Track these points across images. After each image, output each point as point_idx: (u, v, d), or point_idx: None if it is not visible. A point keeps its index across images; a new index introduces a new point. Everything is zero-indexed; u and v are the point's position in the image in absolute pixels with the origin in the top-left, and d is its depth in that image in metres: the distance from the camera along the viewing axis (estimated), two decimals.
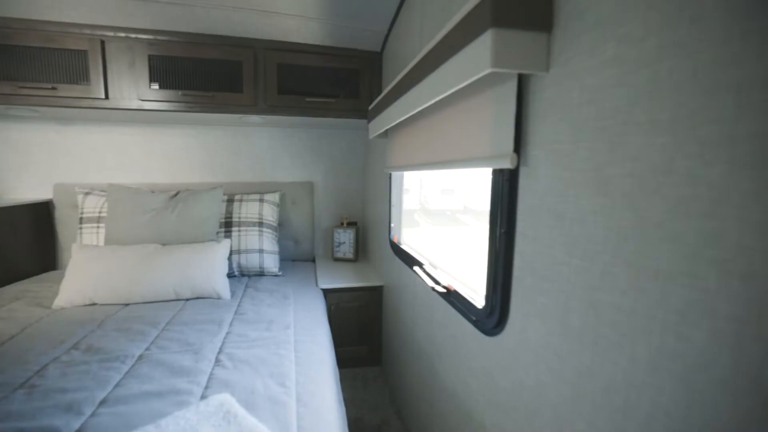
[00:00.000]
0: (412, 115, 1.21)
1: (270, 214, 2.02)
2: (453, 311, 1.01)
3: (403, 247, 1.57)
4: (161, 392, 0.94)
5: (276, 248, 1.98)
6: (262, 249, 1.91)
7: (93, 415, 0.86)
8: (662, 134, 0.44)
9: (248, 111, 1.80)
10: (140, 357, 1.11)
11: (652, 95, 0.45)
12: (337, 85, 1.88)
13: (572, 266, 0.58)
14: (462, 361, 0.96)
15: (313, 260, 2.31)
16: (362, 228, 2.38)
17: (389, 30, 1.74)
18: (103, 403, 0.90)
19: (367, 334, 1.94)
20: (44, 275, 1.99)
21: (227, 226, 1.91)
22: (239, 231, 1.91)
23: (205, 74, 1.76)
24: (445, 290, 1.04)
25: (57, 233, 2.13)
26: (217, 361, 1.09)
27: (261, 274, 1.91)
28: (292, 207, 2.26)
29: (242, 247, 1.88)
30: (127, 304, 1.52)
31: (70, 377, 1.00)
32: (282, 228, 2.22)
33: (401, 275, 1.56)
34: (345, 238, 2.21)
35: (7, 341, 1.20)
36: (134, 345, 1.17)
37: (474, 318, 0.89)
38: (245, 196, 2.02)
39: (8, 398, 0.91)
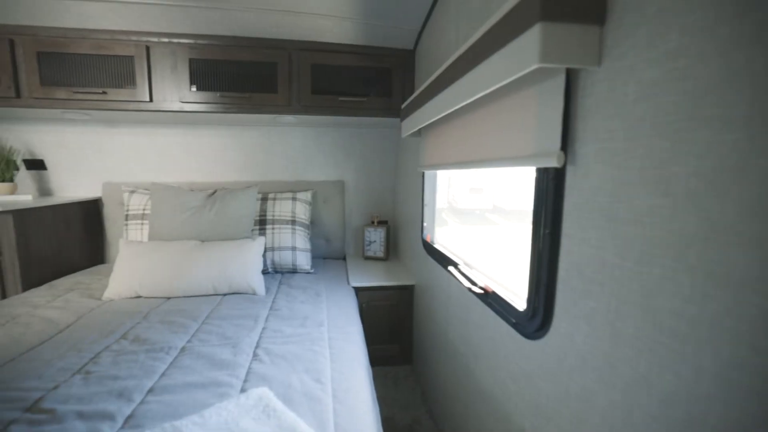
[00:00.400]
0: (448, 113, 1.19)
1: (302, 212, 2.05)
2: (490, 313, 0.99)
3: (436, 246, 1.56)
4: (203, 384, 0.97)
5: (308, 246, 2.01)
6: (295, 246, 1.95)
7: (142, 402, 0.91)
8: (734, 130, 0.41)
9: (283, 111, 1.84)
10: (183, 349, 1.16)
11: (722, 88, 0.42)
12: (369, 84, 1.89)
13: (625, 269, 0.56)
14: (500, 364, 0.94)
15: (344, 258, 2.33)
16: (393, 227, 2.38)
17: (422, 28, 1.72)
18: (150, 391, 0.95)
19: (398, 333, 1.94)
20: (94, 268, 2.12)
21: (261, 223, 1.97)
22: (273, 229, 1.96)
23: (242, 76, 1.81)
24: (482, 291, 1.02)
25: (105, 229, 2.27)
26: (255, 355, 1.12)
27: (294, 271, 1.96)
28: (324, 206, 2.29)
29: (276, 245, 1.93)
30: (169, 298, 1.59)
31: (121, 365, 1.06)
32: (314, 226, 2.26)
33: (434, 275, 1.54)
34: (376, 236, 2.22)
35: (65, 329, 1.29)
36: (177, 337, 1.23)
37: (514, 320, 0.86)
38: (279, 195, 2.07)
39: (68, 382, 0.97)
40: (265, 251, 1.91)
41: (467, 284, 1.09)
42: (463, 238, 1.81)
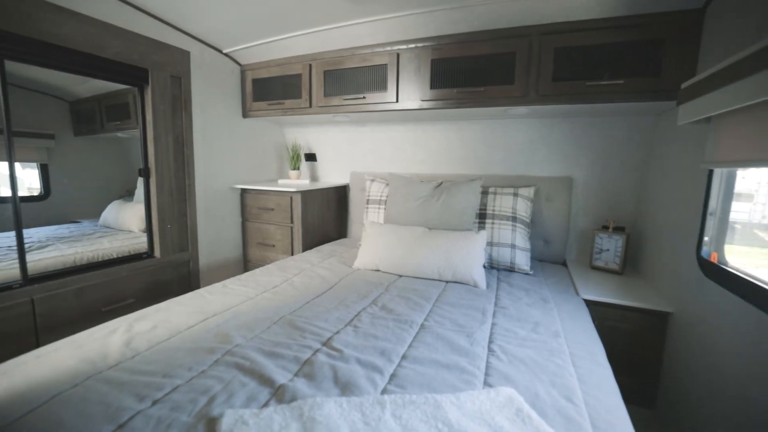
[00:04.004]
0: None
1: (523, 209, 1.94)
2: None
3: (731, 270, 1.15)
4: (448, 365, 1.02)
5: (528, 245, 1.89)
6: (515, 244, 1.87)
7: (399, 365, 1.03)
8: None
9: (517, 102, 1.76)
10: (422, 326, 1.27)
11: None
12: (627, 62, 1.57)
13: None
14: None
15: (564, 264, 2.08)
16: (634, 235, 1.95)
17: None
18: (404, 357, 1.07)
19: (637, 366, 1.58)
20: (340, 240, 2.64)
21: (481, 217, 1.97)
22: (492, 224, 1.93)
23: (477, 70, 1.83)
24: None
25: (349, 210, 2.80)
26: (490, 350, 1.11)
27: (511, 269, 1.88)
28: (546, 204, 2.10)
29: (495, 240, 1.90)
30: (400, 276, 1.80)
31: (377, 327, 1.25)
32: (532, 225, 2.10)
33: (720, 307, 1.16)
34: (610, 245, 1.87)
35: (333, 286, 1.64)
36: (415, 313, 1.36)
37: None
38: (499, 190, 2.02)
39: (344, 330, 1.22)
40: None
41: None
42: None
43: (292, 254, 2.38)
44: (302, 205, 2.33)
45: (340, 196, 2.76)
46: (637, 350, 1.58)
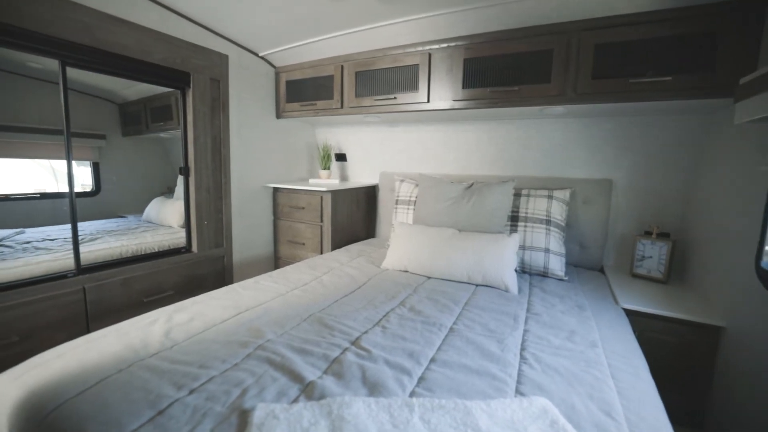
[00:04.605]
0: None
1: (558, 212, 1.87)
2: None
3: None
4: (478, 371, 1.00)
5: (563, 250, 1.82)
6: (548, 249, 1.80)
7: (428, 368, 1.02)
8: None
9: (553, 102, 1.70)
10: (451, 329, 1.25)
11: None
12: (674, 57, 1.47)
13: None
14: None
15: (602, 271, 1.99)
16: (681, 242, 1.83)
17: None
18: (432, 360, 1.06)
19: (684, 382, 1.48)
20: (368, 240, 2.65)
21: (513, 220, 1.92)
22: (525, 227, 1.87)
23: (512, 69, 1.78)
24: None
25: (378, 210, 2.81)
26: (523, 358, 1.08)
27: (544, 275, 1.81)
28: (583, 207, 2.01)
29: (527, 244, 1.84)
30: (429, 277, 1.78)
31: (406, 328, 1.24)
32: (567, 229, 2.02)
33: None
34: (653, 251, 1.77)
35: (362, 286, 1.65)
36: (444, 316, 1.34)
37: None
38: (533, 192, 1.96)
39: (373, 330, 1.22)
40: None
41: None
42: None
43: (321, 253, 2.41)
44: (332, 204, 2.36)
45: (369, 196, 2.78)
46: (684, 366, 1.47)
